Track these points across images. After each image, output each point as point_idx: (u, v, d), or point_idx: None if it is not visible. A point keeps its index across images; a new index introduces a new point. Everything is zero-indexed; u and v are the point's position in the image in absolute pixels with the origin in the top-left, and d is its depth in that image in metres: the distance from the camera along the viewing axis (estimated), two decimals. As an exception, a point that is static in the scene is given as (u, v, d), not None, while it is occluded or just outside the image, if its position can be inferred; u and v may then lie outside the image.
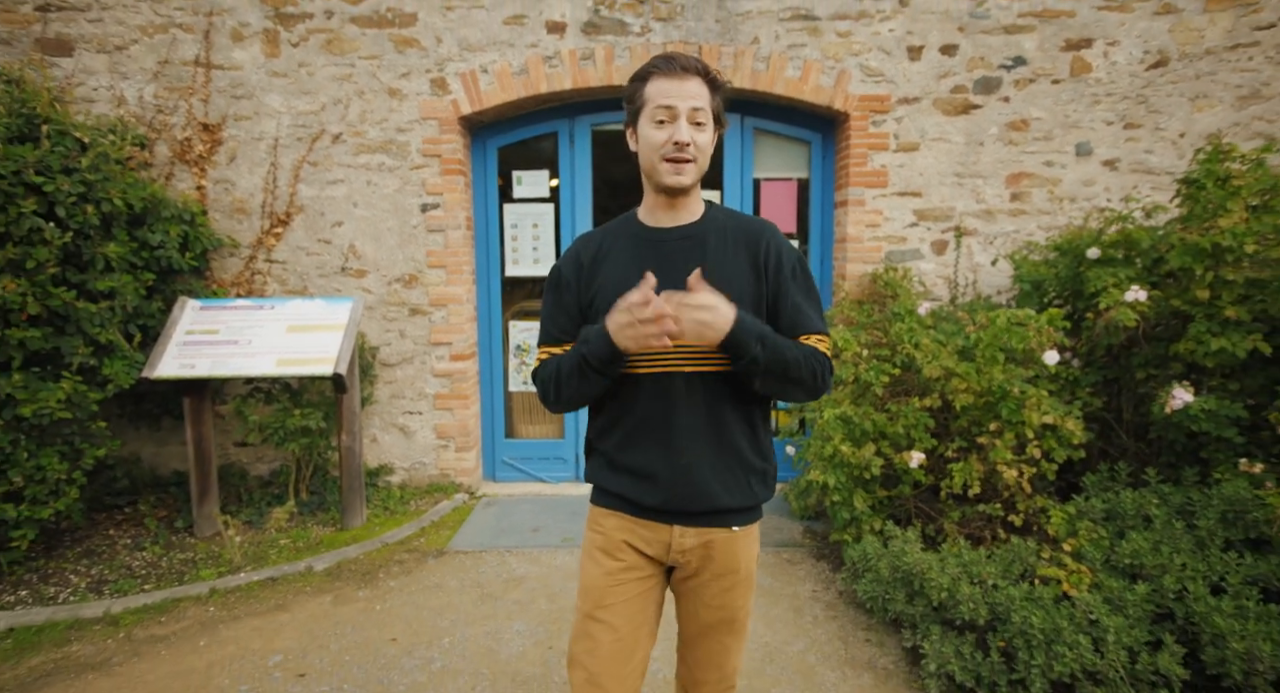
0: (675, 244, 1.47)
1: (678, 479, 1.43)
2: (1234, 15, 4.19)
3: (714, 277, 1.37)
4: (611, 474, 1.51)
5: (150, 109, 4.35)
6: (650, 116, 1.39)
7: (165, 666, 2.79)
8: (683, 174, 1.40)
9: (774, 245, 1.48)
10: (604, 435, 1.53)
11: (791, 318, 1.46)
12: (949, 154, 4.45)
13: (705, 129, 1.41)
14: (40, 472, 3.23)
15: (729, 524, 1.48)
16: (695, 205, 1.51)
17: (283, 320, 4.04)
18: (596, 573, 1.50)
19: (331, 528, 4.13)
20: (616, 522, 1.51)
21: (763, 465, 1.52)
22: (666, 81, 1.38)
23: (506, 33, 4.40)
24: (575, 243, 1.57)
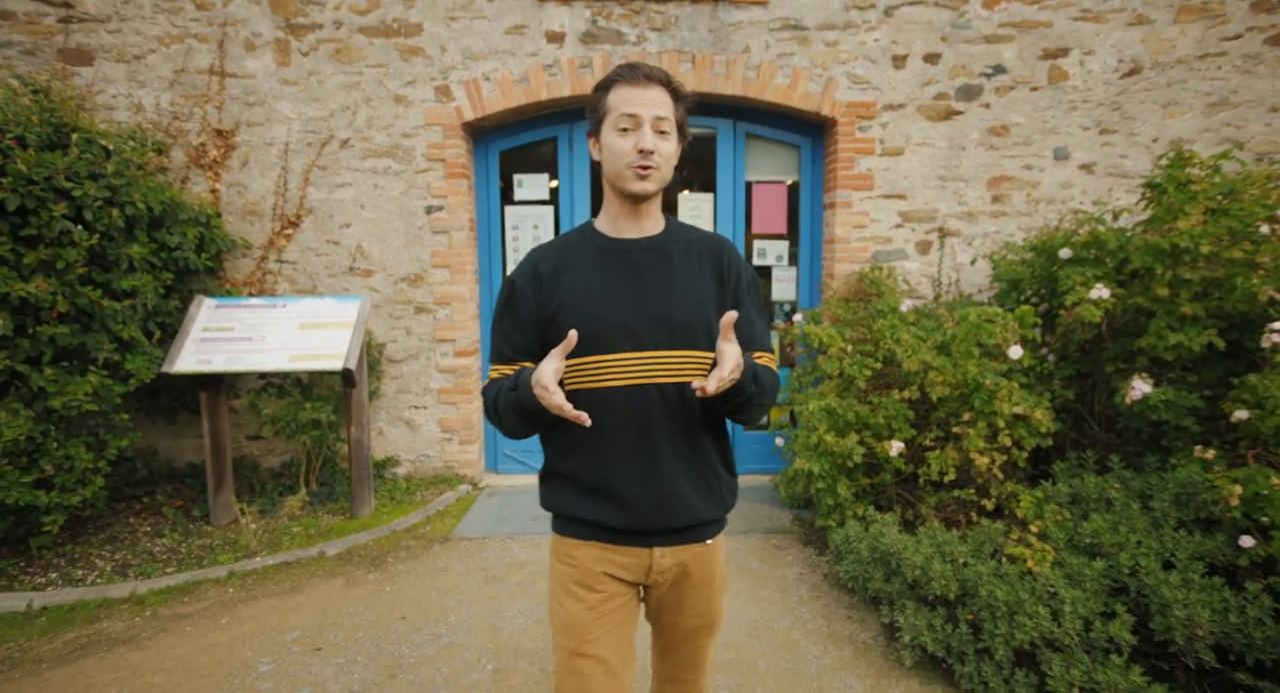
0: (642, 255, 1.44)
1: (660, 494, 1.40)
2: (1203, 26, 4.39)
3: (685, 292, 1.41)
4: (580, 499, 1.44)
5: (167, 116, 4.54)
6: (614, 125, 1.38)
7: (190, 641, 2.99)
8: (648, 180, 1.38)
9: (734, 261, 1.51)
10: (568, 456, 1.46)
11: (746, 333, 1.46)
12: (932, 158, 4.65)
13: (669, 138, 1.40)
14: (69, 461, 3.42)
15: (703, 538, 1.49)
16: (657, 216, 1.51)
17: (294, 318, 4.24)
18: (578, 609, 1.44)
19: (341, 517, 4.32)
20: (591, 553, 1.45)
21: (729, 474, 1.54)
22: (630, 90, 1.37)
23: (508, 42, 4.59)
24: (530, 255, 1.51)
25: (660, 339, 1.39)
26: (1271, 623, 2.27)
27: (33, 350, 3.29)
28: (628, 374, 1.38)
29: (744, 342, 1.44)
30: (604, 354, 1.37)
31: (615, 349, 1.37)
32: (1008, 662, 2.49)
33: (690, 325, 1.40)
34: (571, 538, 1.47)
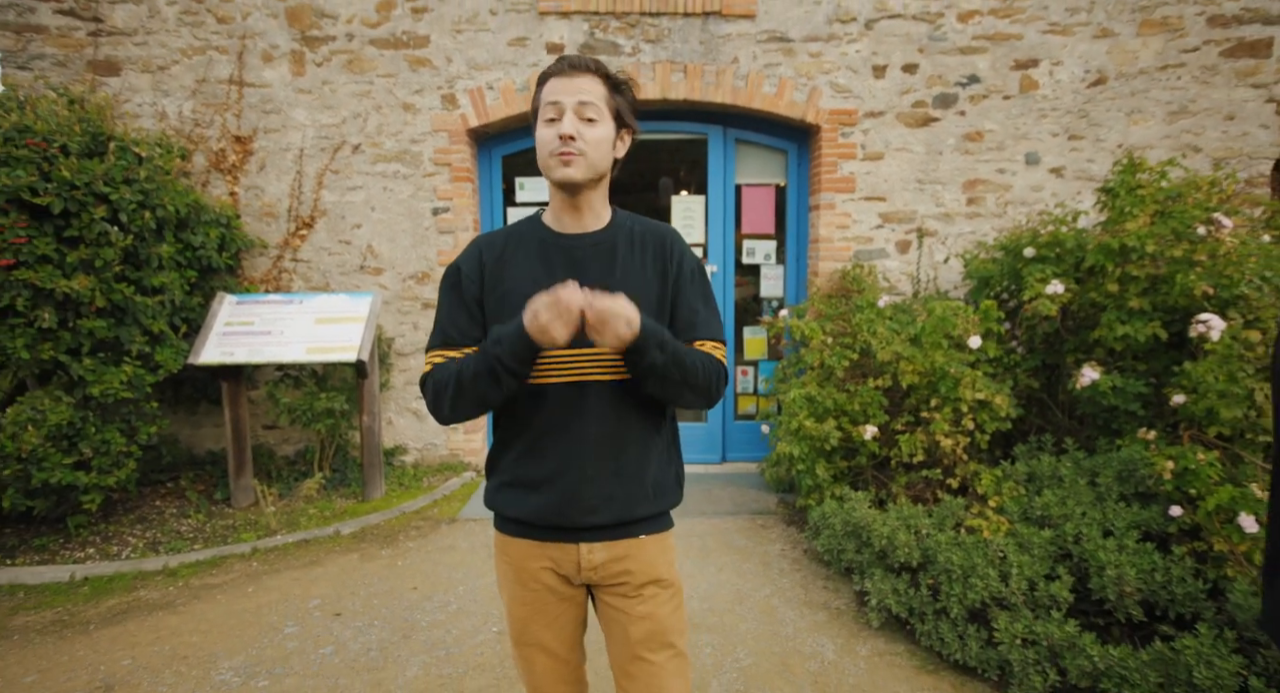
0: (585, 250, 1.43)
1: (584, 491, 1.38)
2: (1163, 39, 4.67)
3: (624, 284, 1.38)
4: (509, 496, 1.45)
5: (189, 123, 4.82)
6: (542, 117, 1.37)
7: (221, 607, 3.27)
8: (571, 166, 1.34)
9: (678, 250, 1.48)
10: (502, 452, 1.47)
11: (688, 320, 1.45)
12: (911, 162, 4.93)
13: (597, 125, 1.35)
14: (105, 445, 3.70)
15: (636, 534, 1.45)
16: (601, 211, 1.47)
17: (310, 313, 4.52)
18: (517, 604, 1.48)
19: (353, 500, 4.60)
20: (522, 548, 1.46)
21: (669, 473, 1.50)
22: (556, 81, 1.35)
23: (510, 53, 4.87)
24: (476, 241, 1.49)
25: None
26: (1192, 581, 2.55)
27: (73, 342, 3.58)
28: (563, 372, 1.37)
29: (685, 329, 1.44)
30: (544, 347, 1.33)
31: (552, 345, 1.29)
32: (962, 619, 2.76)
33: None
34: (505, 534, 1.49)
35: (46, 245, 3.39)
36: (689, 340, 1.44)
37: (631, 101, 1.45)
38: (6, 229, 3.26)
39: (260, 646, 2.92)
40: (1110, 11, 4.67)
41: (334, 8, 4.78)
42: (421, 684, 2.65)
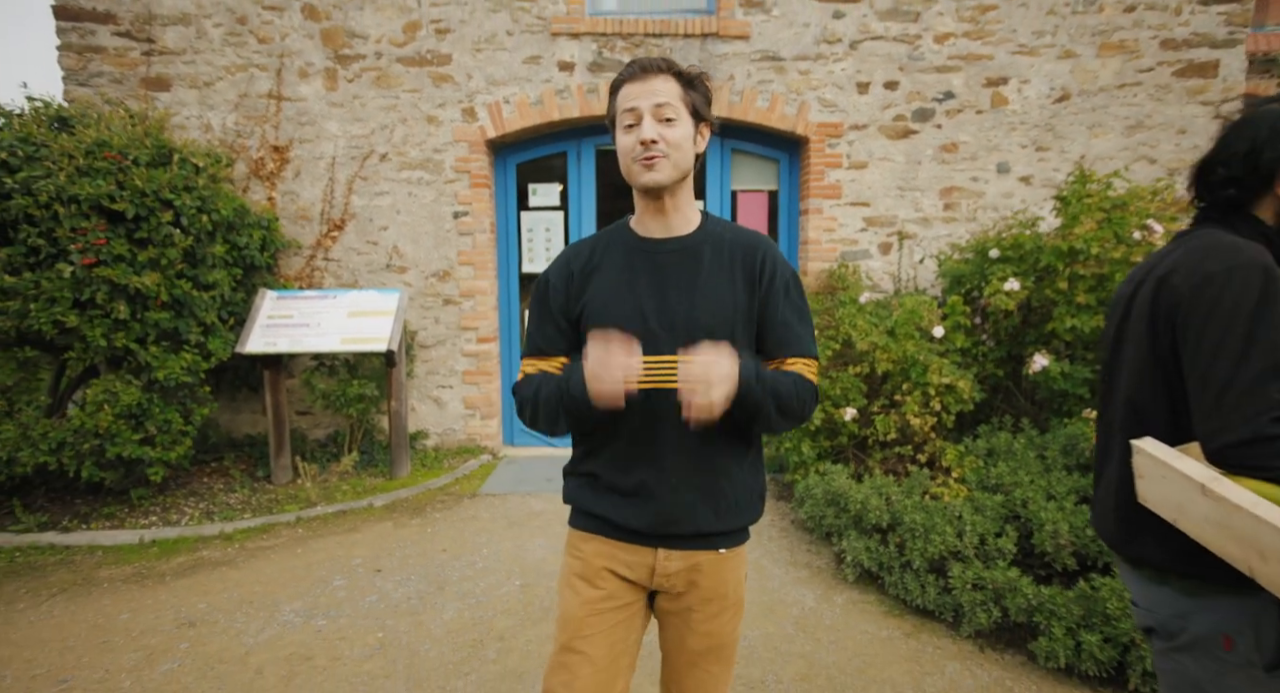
0: (668, 256, 1.40)
1: (665, 500, 1.37)
2: (1121, 60, 5.11)
3: (707, 294, 1.35)
4: (594, 495, 1.44)
5: (231, 134, 5.26)
6: (621, 124, 1.36)
7: (275, 564, 3.70)
8: (656, 170, 1.33)
9: (770, 260, 1.42)
10: (588, 457, 1.46)
11: (780, 337, 1.40)
12: (892, 171, 5.37)
13: (677, 124, 1.33)
14: (167, 424, 4.13)
15: (716, 547, 1.42)
16: (689, 212, 1.45)
17: (343, 307, 4.95)
18: (574, 602, 1.43)
19: (382, 478, 5.04)
20: (597, 546, 1.44)
21: (752, 487, 1.46)
22: (631, 86, 1.34)
23: (525, 70, 5.31)
24: (565, 252, 1.50)
25: (679, 342, 1.32)
26: (1115, 534, 2.98)
27: (141, 332, 4.01)
28: (645, 378, 1.30)
29: (776, 346, 1.41)
30: None
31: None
32: (923, 571, 3.20)
33: (712, 329, 1.33)
34: (580, 530, 1.48)
35: (121, 246, 3.82)
36: (780, 357, 1.40)
37: (706, 95, 1.41)
38: (89, 232, 3.69)
39: (314, 594, 3.36)
40: (1072, 34, 5.11)
41: (364, 28, 5.22)
42: (457, 624, 3.08)
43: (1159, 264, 1.35)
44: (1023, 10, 5.11)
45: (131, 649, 2.85)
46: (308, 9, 5.16)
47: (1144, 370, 1.32)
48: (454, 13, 5.20)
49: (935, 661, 2.81)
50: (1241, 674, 1.22)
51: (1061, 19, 5.10)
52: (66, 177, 3.65)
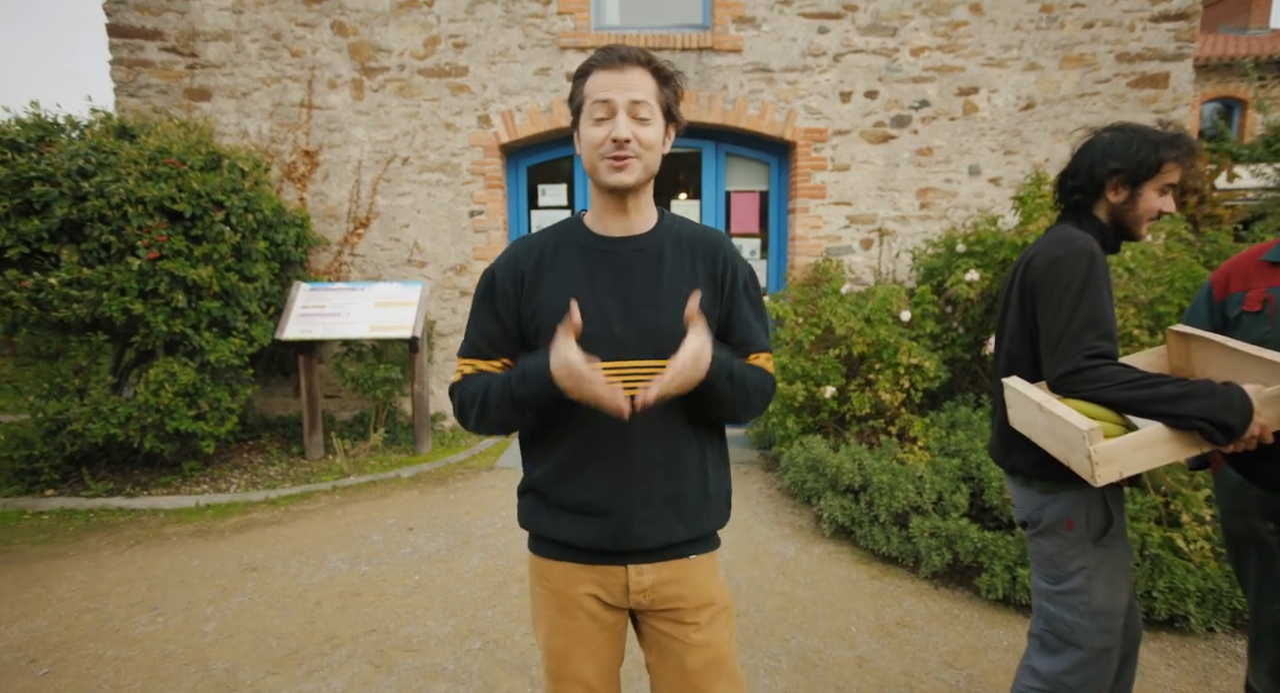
0: (629, 256, 1.33)
1: (632, 512, 1.29)
2: (1081, 72, 5.55)
3: (671, 294, 1.30)
4: (550, 517, 1.34)
5: (266, 140, 5.71)
6: (589, 114, 1.26)
7: (319, 524, 4.16)
8: (625, 171, 1.25)
9: (730, 259, 1.37)
10: (540, 470, 1.36)
11: (743, 335, 1.37)
12: (873, 173, 5.81)
13: (650, 124, 1.26)
14: (217, 402, 4.59)
15: (685, 554, 1.36)
16: (648, 211, 1.37)
17: (371, 298, 5.40)
18: (556, 635, 1.36)
19: (406, 454, 5.49)
20: (565, 573, 1.35)
21: (719, 490, 1.41)
22: (604, 74, 1.24)
23: (536, 81, 5.75)
24: (512, 249, 1.39)
25: (645, 348, 1.27)
26: (1052, 488, 3.43)
27: (195, 319, 4.46)
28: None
29: (740, 344, 1.37)
30: None
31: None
32: (889, 523, 3.65)
33: (679, 333, 1.24)
34: (544, 558, 1.38)
35: (180, 242, 4.27)
36: (744, 355, 1.36)
37: (677, 93, 1.33)
38: (153, 230, 4.14)
39: (356, 546, 3.82)
40: (1037, 49, 5.56)
41: (388, 43, 5.66)
42: (483, 569, 3.53)
43: (1030, 251, 1.80)
44: (991, 26, 5.56)
45: (206, 587, 3.31)
46: (337, 25, 5.61)
47: (1017, 329, 1.78)
48: (471, 28, 5.65)
49: (895, 596, 3.27)
50: (1078, 547, 1.68)
51: (1027, 34, 5.55)
52: (135, 181, 4.10)
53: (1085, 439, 1.41)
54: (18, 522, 4.12)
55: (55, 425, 4.28)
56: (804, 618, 3.06)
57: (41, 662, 2.67)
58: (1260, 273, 1.81)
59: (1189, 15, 5.37)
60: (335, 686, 2.53)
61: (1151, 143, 1.66)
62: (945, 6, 5.55)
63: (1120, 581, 1.68)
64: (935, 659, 2.73)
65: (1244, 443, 1.40)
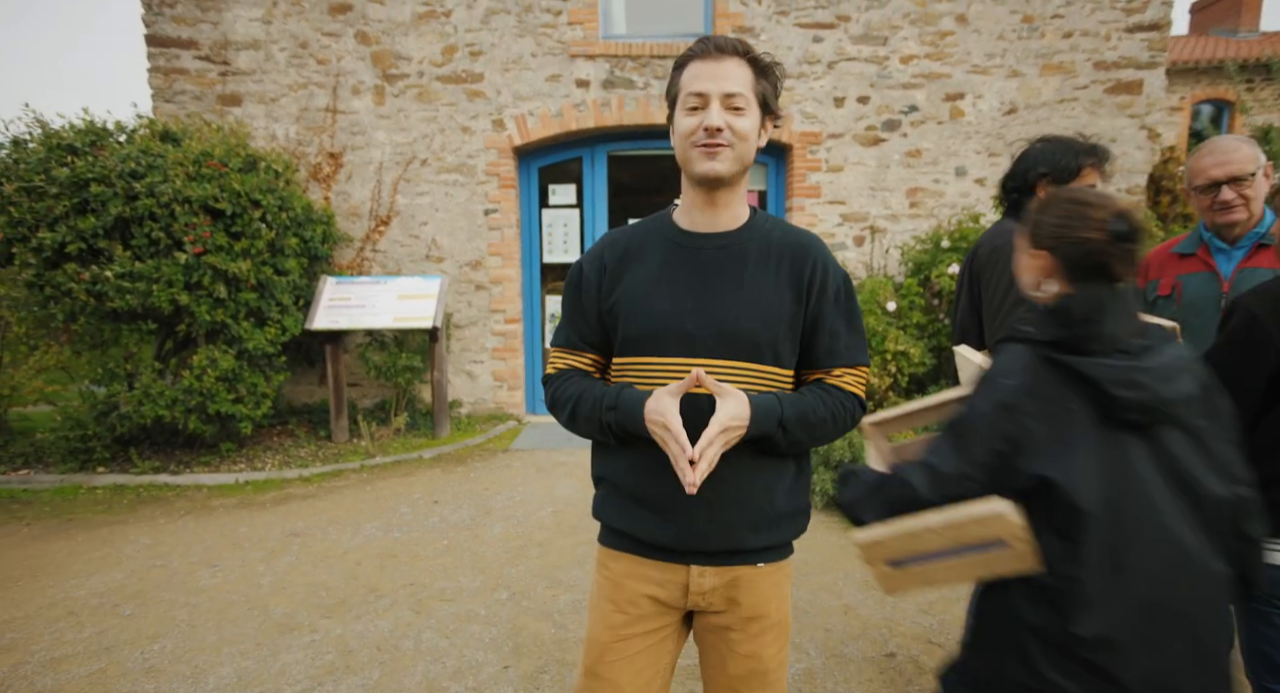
0: (711, 254, 1.29)
1: (696, 513, 1.25)
2: (1060, 79, 5.89)
3: (749, 298, 1.25)
4: (620, 508, 1.34)
5: (293, 142, 6.05)
6: (683, 105, 1.23)
7: (351, 497, 4.50)
8: (717, 159, 1.21)
9: (821, 265, 1.30)
10: (615, 463, 1.35)
11: (828, 346, 1.31)
12: (865, 174, 6.15)
13: (745, 114, 1.22)
14: (254, 386, 4.93)
15: (753, 562, 1.31)
16: (739, 207, 1.32)
17: (393, 291, 5.74)
18: (600, 626, 1.35)
19: (426, 438, 5.83)
20: (626, 565, 1.34)
21: (795, 502, 1.35)
22: (700, 65, 1.21)
23: (548, 87, 6.09)
24: (601, 240, 1.39)
25: (717, 348, 1.23)
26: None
27: (234, 310, 4.81)
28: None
29: (824, 356, 1.31)
30: (654, 356, 1.26)
31: (666, 352, 1.23)
32: (875, 495, 3.99)
33: (753, 337, 1.24)
34: (608, 548, 1.38)
35: (221, 238, 4.62)
36: (828, 368, 1.32)
37: (776, 85, 1.28)
38: (198, 227, 4.49)
39: (387, 517, 4.16)
40: (1019, 57, 5.89)
41: (409, 51, 6.00)
42: (505, 536, 3.87)
43: (978, 241, 2.14)
44: (976, 36, 5.89)
45: (256, 549, 3.66)
46: (360, 35, 5.95)
47: (967, 306, 2.12)
48: (486, 37, 5.99)
49: (879, 557, 3.61)
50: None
51: (1010, 43, 5.89)
52: (181, 181, 4.44)
53: (1013, 390, 1.75)
54: (75, 495, 4.47)
55: (107, 408, 4.63)
56: (797, 576, 3.40)
57: (124, 606, 3.02)
58: (1170, 263, 2.15)
59: (1161, 26, 5.71)
60: (382, 626, 2.87)
61: (1073, 151, 2.00)
62: (933, 17, 5.89)
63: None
64: (912, 607, 3.07)
65: None
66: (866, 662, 2.65)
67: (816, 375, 1.33)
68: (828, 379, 1.32)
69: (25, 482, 4.61)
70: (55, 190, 4.27)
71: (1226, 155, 2.00)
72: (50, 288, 4.36)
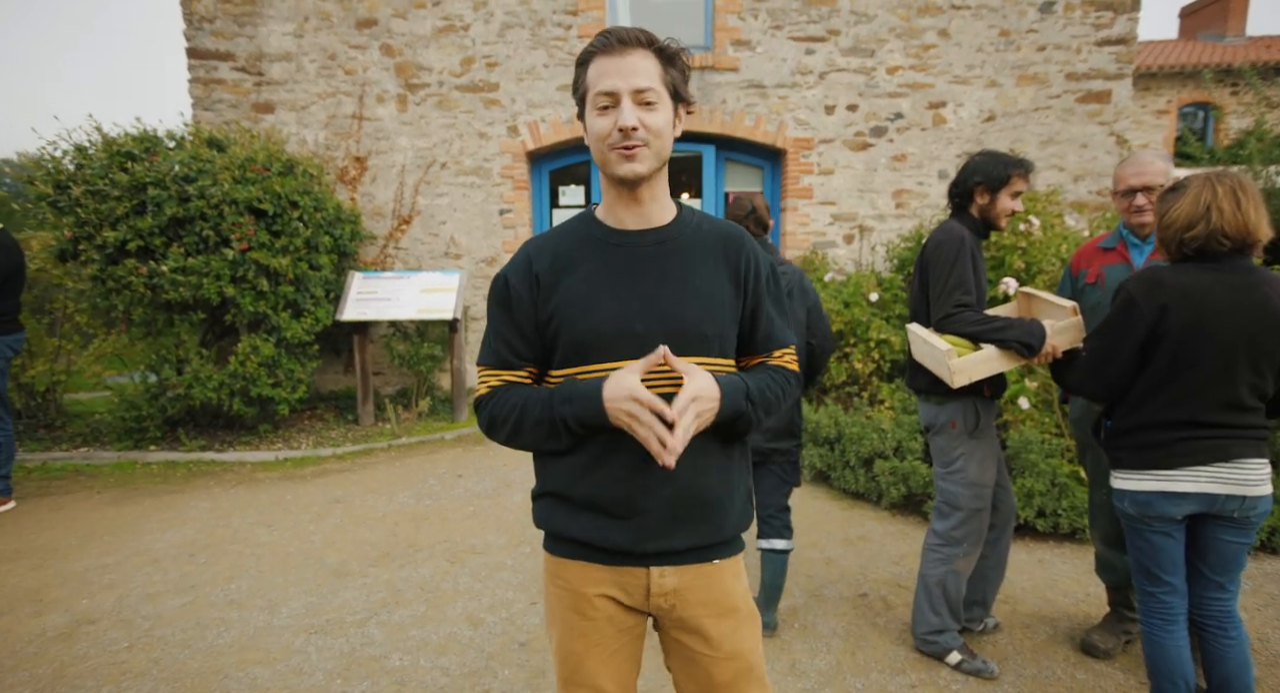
0: (648, 249, 1.25)
1: (654, 514, 1.21)
2: (1035, 89, 6.29)
3: (696, 290, 1.23)
4: (569, 515, 1.26)
5: (322, 147, 6.46)
6: (593, 105, 1.18)
7: (382, 471, 4.92)
8: (635, 161, 1.16)
9: (752, 255, 1.31)
10: (564, 471, 1.25)
11: (766, 331, 1.33)
12: (854, 177, 6.56)
13: (657, 109, 1.17)
14: (290, 373, 5.35)
15: (710, 558, 1.29)
16: (664, 201, 1.28)
17: (416, 286, 6.16)
18: (569, 636, 1.29)
19: (445, 422, 6.25)
20: (582, 572, 1.27)
21: (741, 489, 1.34)
22: (605, 60, 1.16)
23: (559, 96, 6.50)
24: (523, 251, 1.30)
25: (671, 346, 1.17)
26: (988, 436, 4.18)
27: (274, 301, 5.23)
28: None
29: (764, 341, 1.33)
30: (604, 363, 1.20)
31: (618, 356, 1.19)
32: (858, 466, 4.40)
33: (702, 329, 1.23)
34: (560, 557, 1.31)
35: (264, 236, 5.03)
36: (768, 351, 1.34)
37: (684, 72, 1.24)
38: (243, 226, 4.91)
39: (417, 487, 4.58)
40: (997, 68, 6.30)
41: (430, 62, 6.41)
42: (525, 504, 4.28)
43: (928, 237, 2.55)
44: (957, 48, 6.30)
45: (303, 513, 4.08)
46: (385, 47, 6.36)
47: (918, 291, 2.53)
48: (501, 50, 6.40)
49: (860, 521, 4.02)
50: (959, 440, 2.43)
51: (988, 56, 6.29)
52: (229, 184, 4.86)
53: (946, 356, 2.17)
54: (133, 469, 4.89)
55: (159, 390, 5.05)
56: (785, 535, 3.82)
57: (198, 556, 3.44)
58: (1096, 256, 2.56)
59: (1128, 40, 6.11)
60: (424, 573, 3.29)
61: (1003, 163, 2.40)
62: (917, 31, 6.29)
63: (988, 462, 2.44)
64: (885, 560, 3.49)
65: (1043, 356, 2.16)
66: (843, 600, 3.07)
67: (758, 360, 1.35)
68: (770, 361, 1.35)
69: (87, 458, 5.04)
70: (117, 193, 4.69)
71: (1142, 168, 2.42)
72: (112, 281, 4.78)
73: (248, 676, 2.44)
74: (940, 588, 2.51)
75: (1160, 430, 1.88)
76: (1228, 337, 1.76)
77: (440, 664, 2.52)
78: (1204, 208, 1.78)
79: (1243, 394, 1.80)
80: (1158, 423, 1.88)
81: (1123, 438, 1.96)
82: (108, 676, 2.44)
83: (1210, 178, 1.82)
